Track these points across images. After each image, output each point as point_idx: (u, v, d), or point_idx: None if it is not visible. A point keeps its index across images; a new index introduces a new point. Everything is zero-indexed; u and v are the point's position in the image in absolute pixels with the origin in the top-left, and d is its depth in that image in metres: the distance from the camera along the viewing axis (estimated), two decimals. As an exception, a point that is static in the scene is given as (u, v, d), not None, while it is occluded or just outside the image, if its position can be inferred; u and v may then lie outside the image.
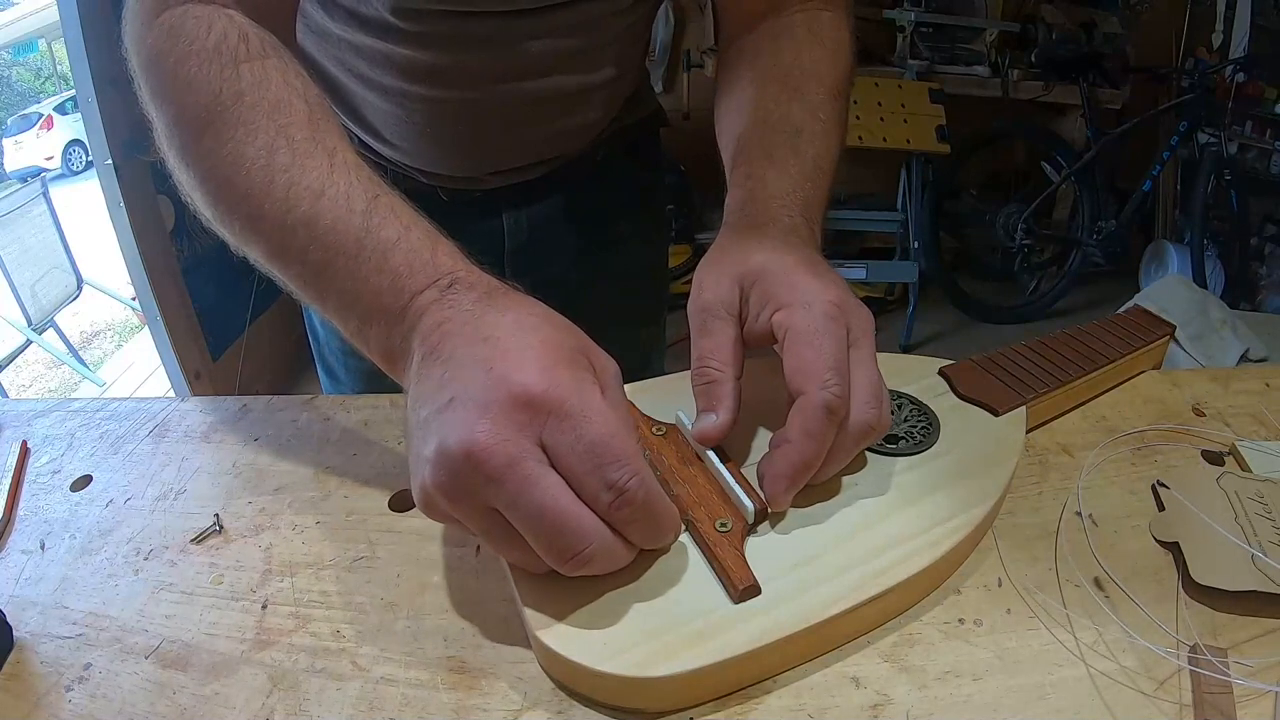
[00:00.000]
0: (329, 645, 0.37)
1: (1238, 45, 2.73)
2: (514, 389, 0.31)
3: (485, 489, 0.31)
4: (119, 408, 0.56)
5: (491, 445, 0.30)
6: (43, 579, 0.42)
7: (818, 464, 0.37)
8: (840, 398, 0.36)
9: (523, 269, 0.72)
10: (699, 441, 0.40)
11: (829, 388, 0.36)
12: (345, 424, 0.53)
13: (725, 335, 0.41)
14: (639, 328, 0.83)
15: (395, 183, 0.56)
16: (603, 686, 0.33)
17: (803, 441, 0.36)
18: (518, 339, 0.33)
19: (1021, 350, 0.52)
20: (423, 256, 0.38)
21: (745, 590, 0.35)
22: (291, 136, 0.40)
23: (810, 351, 0.37)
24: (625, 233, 0.78)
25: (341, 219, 0.38)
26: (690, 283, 0.44)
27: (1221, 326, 1.61)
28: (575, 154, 0.70)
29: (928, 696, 0.34)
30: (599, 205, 0.74)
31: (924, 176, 2.47)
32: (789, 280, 0.40)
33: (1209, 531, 0.40)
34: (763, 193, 0.47)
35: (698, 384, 0.40)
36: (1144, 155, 2.71)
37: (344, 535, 0.44)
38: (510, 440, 0.31)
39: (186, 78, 0.41)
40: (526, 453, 0.31)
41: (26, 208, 2.68)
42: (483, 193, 0.68)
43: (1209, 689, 0.33)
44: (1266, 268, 2.69)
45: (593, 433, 0.31)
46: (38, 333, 2.77)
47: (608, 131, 0.72)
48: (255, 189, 0.39)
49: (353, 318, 0.39)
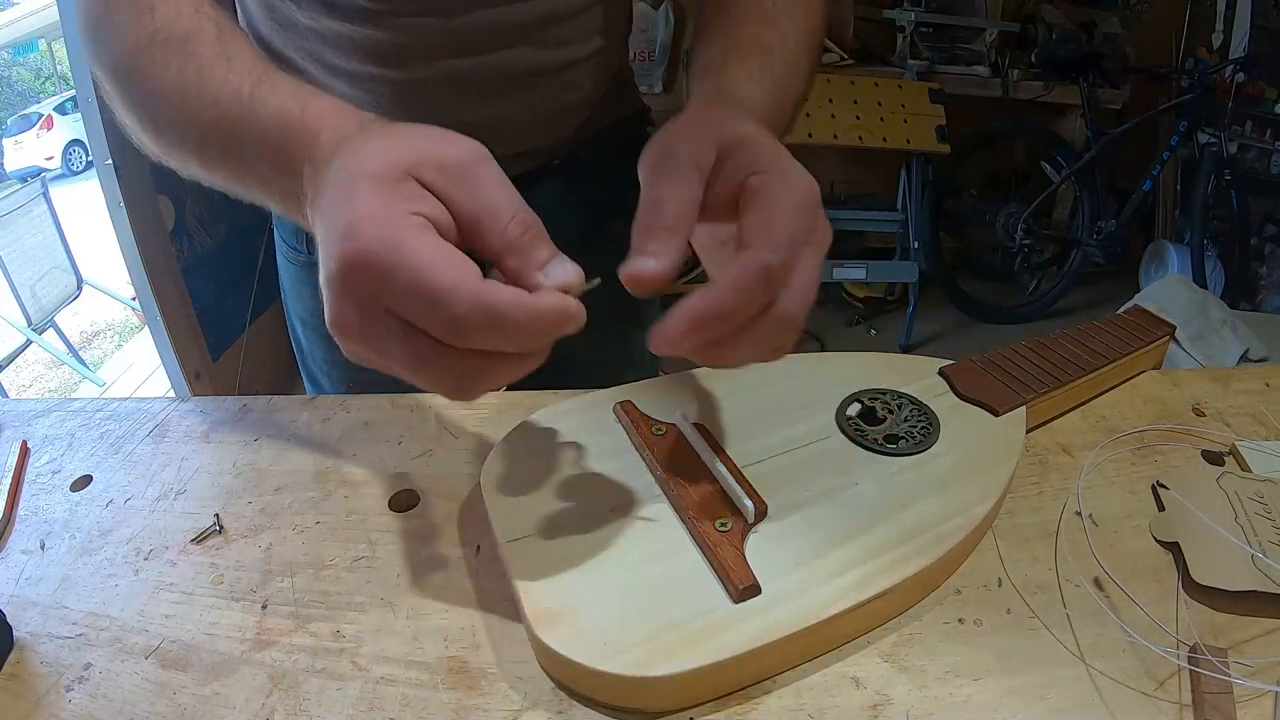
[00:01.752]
0: (329, 645, 0.37)
1: (1238, 45, 2.73)
2: (338, 265, 0.30)
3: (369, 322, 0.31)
4: (119, 408, 0.56)
5: (339, 323, 0.31)
6: (43, 579, 0.42)
7: (729, 325, 0.33)
8: (783, 267, 0.34)
9: None
10: (628, 280, 0.34)
11: (778, 252, 0.33)
12: (345, 424, 0.53)
13: (688, 187, 0.36)
14: (634, 329, 0.83)
15: None
16: (603, 686, 0.33)
17: (727, 292, 0.32)
18: (338, 207, 0.32)
19: (1021, 350, 0.52)
20: (293, 124, 0.38)
21: (745, 590, 0.35)
22: (200, 56, 0.43)
23: (776, 216, 0.35)
24: (617, 232, 0.77)
25: (234, 107, 0.40)
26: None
27: (1221, 326, 1.61)
28: (561, 147, 0.68)
29: (928, 696, 0.34)
30: (588, 202, 0.72)
31: (924, 176, 2.47)
32: (774, 153, 0.38)
33: (1209, 531, 0.40)
34: (734, 93, 0.46)
35: (645, 223, 0.35)
36: (1144, 155, 2.71)
37: (344, 535, 0.44)
38: (350, 315, 0.31)
39: (110, 29, 0.45)
40: (372, 319, 0.31)
41: (26, 208, 2.68)
42: None
43: (1209, 689, 0.33)
44: (1266, 268, 2.69)
45: (403, 284, 0.29)
46: (38, 333, 2.77)
47: (593, 125, 0.69)
48: (176, 113, 0.43)
49: (274, 197, 0.41)
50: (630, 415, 0.46)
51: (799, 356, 0.53)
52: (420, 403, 0.55)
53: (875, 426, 0.46)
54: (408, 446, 0.51)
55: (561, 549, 0.38)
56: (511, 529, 0.39)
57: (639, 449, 0.44)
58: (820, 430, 0.46)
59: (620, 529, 0.39)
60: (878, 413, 0.47)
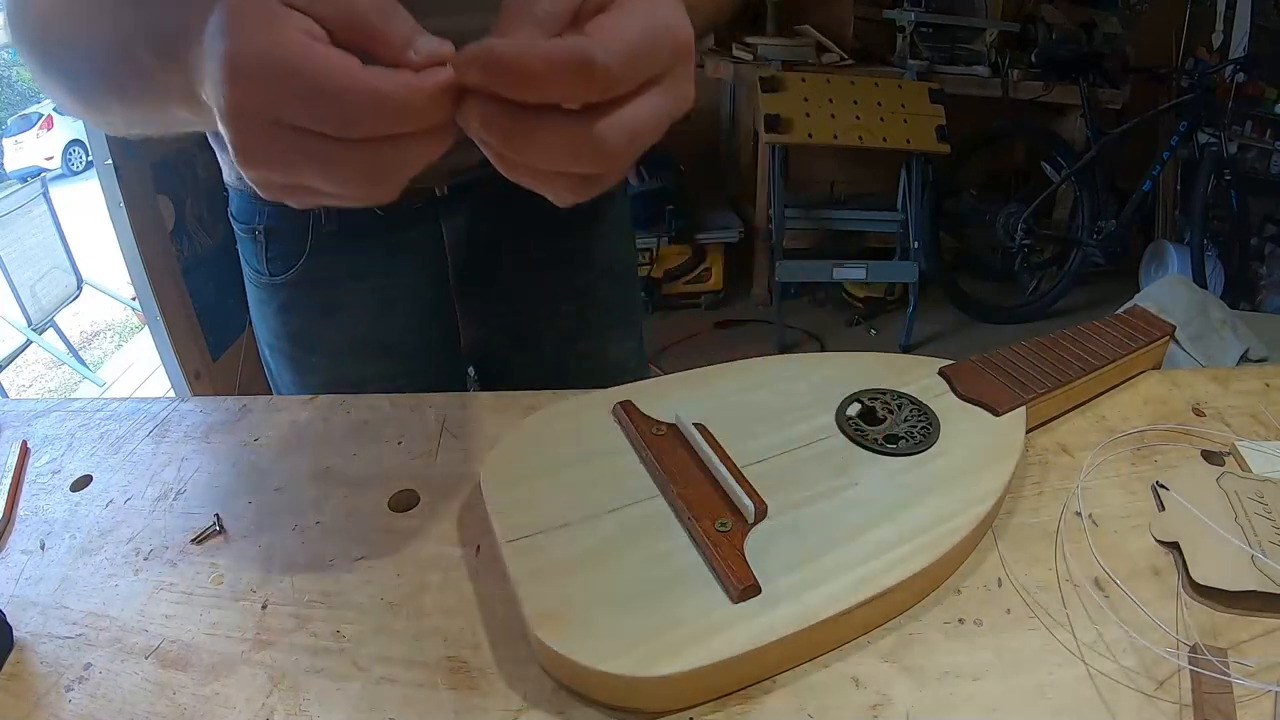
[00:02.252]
0: (329, 645, 0.37)
1: (1238, 45, 2.73)
2: (226, 93, 0.29)
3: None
4: (119, 408, 0.56)
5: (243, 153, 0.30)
6: (43, 579, 0.42)
7: (523, 86, 0.28)
8: (607, 75, 0.28)
9: (471, 283, 0.68)
10: (479, 60, 0.29)
11: (609, 56, 0.28)
12: (345, 424, 0.53)
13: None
14: (612, 344, 0.78)
15: None
16: (603, 686, 0.33)
17: (535, 52, 0.28)
18: (215, 44, 0.30)
19: (1021, 350, 0.52)
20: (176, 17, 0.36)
21: (745, 590, 0.35)
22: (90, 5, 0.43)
23: (621, 26, 0.30)
24: (584, 243, 0.72)
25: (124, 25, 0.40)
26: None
27: (1221, 326, 1.61)
28: None
29: (928, 696, 0.34)
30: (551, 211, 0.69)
31: (924, 176, 2.47)
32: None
33: (1209, 531, 0.40)
34: None
35: (512, 11, 0.30)
36: (1144, 155, 2.71)
37: (344, 535, 0.44)
38: (250, 139, 0.30)
39: (12, 11, 0.47)
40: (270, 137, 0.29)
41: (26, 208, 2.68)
42: (421, 199, 0.63)
43: (1209, 689, 0.33)
44: (1266, 268, 2.69)
45: (290, 90, 0.28)
46: (38, 333, 2.77)
47: None
48: (80, 58, 0.44)
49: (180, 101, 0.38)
50: (630, 415, 0.46)
51: (799, 356, 0.53)
52: (420, 403, 0.55)
53: (875, 426, 0.46)
54: (408, 446, 0.51)
55: (561, 549, 0.38)
56: (511, 529, 0.39)
57: (639, 449, 0.44)
58: (820, 430, 0.46)
59: (620, 529, 0.39)
60: (878, 413, 0.47)
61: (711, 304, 2.79)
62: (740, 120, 2.99)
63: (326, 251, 0.64)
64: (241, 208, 0.67)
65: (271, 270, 0.67)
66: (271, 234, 0.65)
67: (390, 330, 0.69)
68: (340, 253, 0.65)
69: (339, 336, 0.68)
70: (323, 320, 0.68)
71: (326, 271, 0.65)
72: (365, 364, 0.69)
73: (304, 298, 0.67)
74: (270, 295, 0.68)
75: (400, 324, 0.68)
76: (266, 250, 0.66)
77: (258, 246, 0.66)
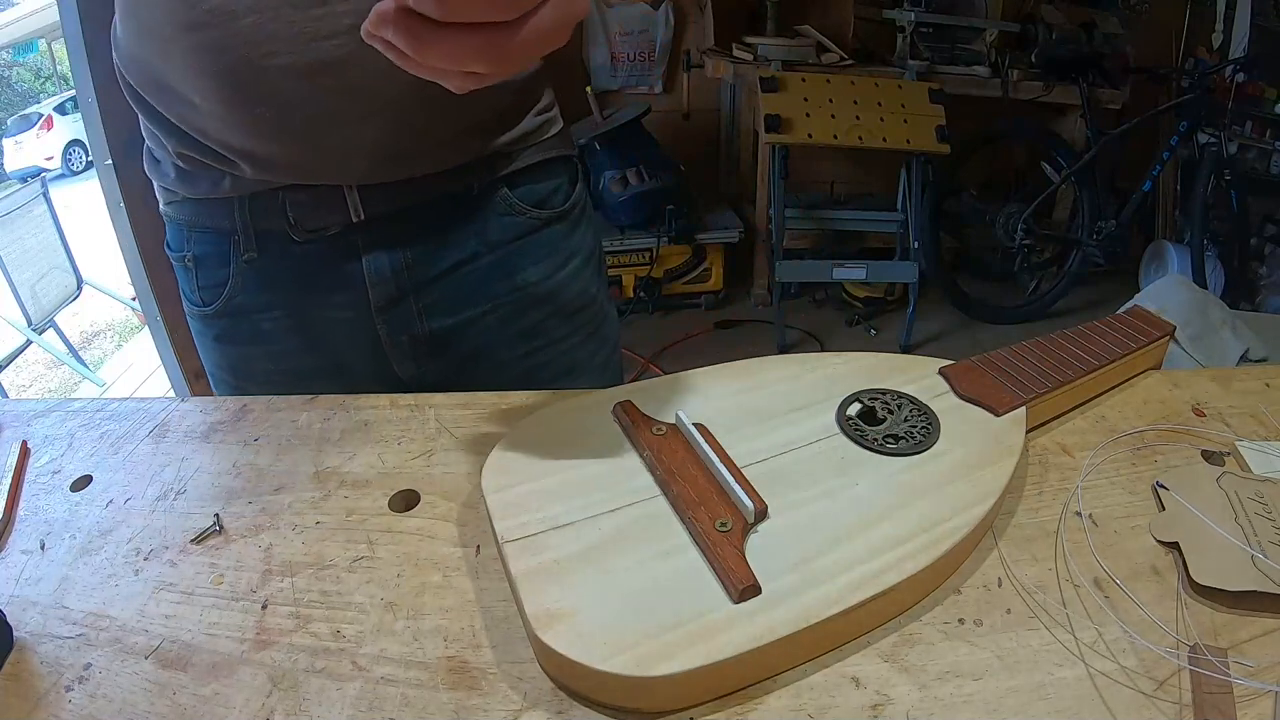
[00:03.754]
0: (329, 645, 0.37)
1: (1238, 45, 2.74)
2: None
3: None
4: (119, 408, 0.56)
5: None
6: (43, 579, 0.42)
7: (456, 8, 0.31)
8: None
9: (398, 323, 0.63)
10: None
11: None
12: (345, 424, 0.53)
13: None
14: (577, 384, 0.70)
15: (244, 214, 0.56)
16: (603, 686, 0.33)
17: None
18: None
19: (1021, 350, 0.52)
20: None
21: (745, 590, 0.35)
22: None
23: None
24: (530, 280, 0.66)
25: None
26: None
27: (1221, 326, 1.61)
28: (434, 181, 0.60)
29: (928, 696, 0.34)
30: (486, 249, 0.63)
31: (924, 176, 2.47)
32: None
33: (1209, 531, 0.40)
34: None
35: None
36: (1144, 155, 2.72)
37: (344, 535, 0.44)
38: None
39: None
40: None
41: (26, 208, 2.68)
42: (337, 225, 0.59)
43: (1209, 689, 0.33)
44: (1266, 268, 2.69)
45: None
46: (38, 333, 2.77)
47: (479, 159, 0.61)
48: None
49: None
50: (630, 415, 0.46)
51: (799, 356, 0.53)
52: (420, 403, 0.55)
53: (875, 426, 0.46)
54: (408, 446, 0.51)
55: (561, 549, 0.38)
56: (511, 529, 0.39)
57: (639, 449, 0.44)
58: (820, 430, 0.46)
59: (620, 529, 0.39)
60: (878, 413, 0.47)
61: (711, 304, 2.79)
62: (740, 120, 2.99)
63: (248, 281, 0.62)
64: (174, 236, 0.65)
65: (203, 299, 0.65)
66: (199, 262, 0.63)
67: (321, 362, 0.66)
68: (261, 282, 0.62)
69: (272, 365, 0.66)
70: (255, 350, 0.66)
71: (251, 301, 0.63)
72: (312, 392, 0.62)
73: (233, 327, 0.65)
74: (205, 325, 0.66)
75: (331, 356, 0.65)
76: (196, 279, 0.64)
77: (189, 275, 0.64)
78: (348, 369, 0.66)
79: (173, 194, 0.63)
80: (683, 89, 2.94)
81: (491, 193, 0.63)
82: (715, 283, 2.77)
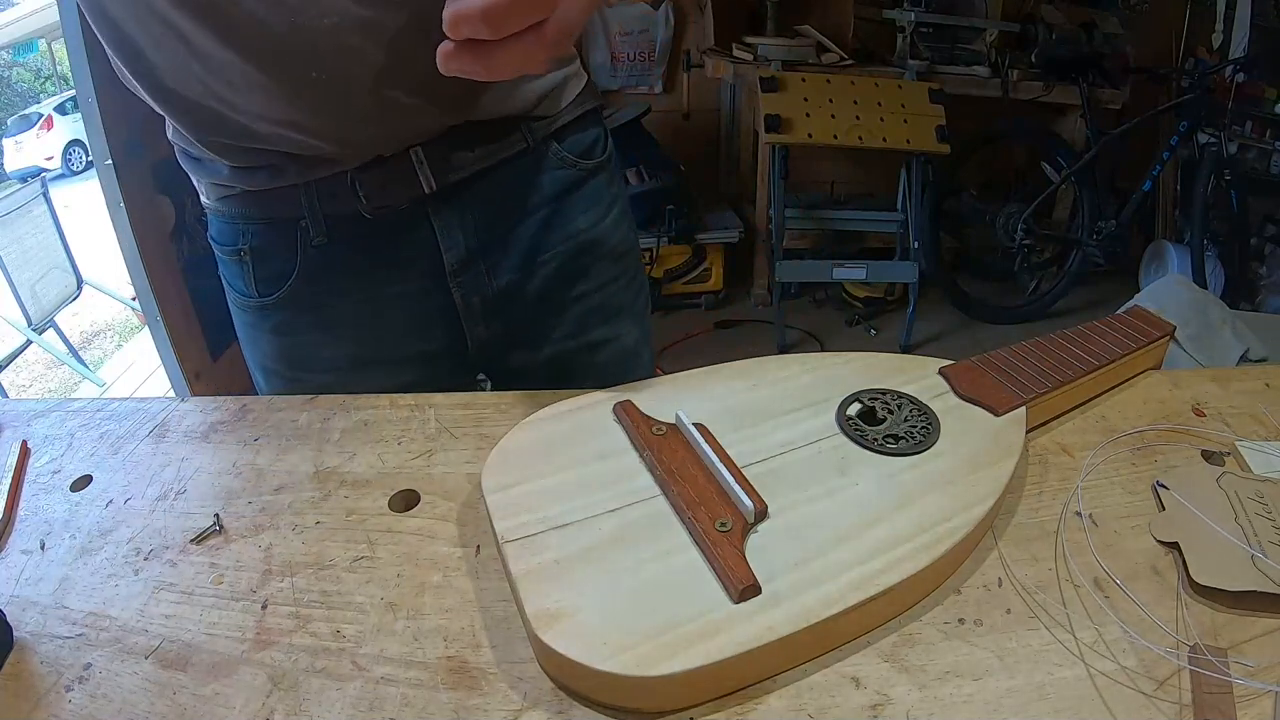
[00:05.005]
0: (329, 645, 0.37)
1: (1238, 45, 2.73)
2: None
3: None
4: (119, 408, 0.56)
5: None
6: (43, 579, 0.42)
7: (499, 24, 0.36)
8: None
9: (471, 282, 0.66)
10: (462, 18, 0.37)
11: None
12: (345, 424, 0.53)
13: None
14: (623, 331, 0.76)
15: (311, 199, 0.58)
16: (603, 686, 0.33)
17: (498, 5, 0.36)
18: None
19: (1021, 350, 0.52)
20: None
21: (745, 590, 0.35)
22: None
23: None
24: (581, 228, 0.70)
25: None
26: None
27: (1221, 326, 1.61)
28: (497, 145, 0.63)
29: (928, 696, 0.34)
30: (544, 202, 0.67)
31: (924, 176, 2.47)
32: None
33: (1209, 531, 0.40)
34: None
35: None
36: (1144, 155, 2.71)
37: (344, 535, 0.44)
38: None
39: None
40: None
41: (26, 208, 2.68)
42: (407, 199, 0.61)
43: (1209, 689, 0.33)
44: (1266, 268, 2.69)
45: None
46: (38, 333, 2.77)
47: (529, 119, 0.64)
48: None
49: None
50: (630, 415, 0.46)
51: (799, 356, 0.53)
52: (420, 403, 0.55)
53: (875, 426, 0.46)
54: (408, 446, 0.51)
55: (561, 549, 0.38)
56: (511, 529, 0.39)
57: (639, 449, 0.44)
58: (820, 430, 0.46)
59: (620, 529, 0.39)
60: (878, 413, 0.47)
61: (711, 304, 2.79)
62: (740, 120, 2.99)
63: (317, 266, 0.62)
64: (222, 230, 0.64)
65: (260, 291, 0.64)
66: (258, 254, 0.63)
67: (390, 341, 0.67)
68: (331, 266, 0.63)
69: (337, 352, 0.66)
70: (319, 338, 0.66)
71: (319, 287, 0.63)
72: (367, 379, 0.66)
73: (297, 316, 0.65)
74: (261, 318, 0.66)
75: (400, 333, 0.67)
76: (254, 271, 0.64)
77: (243, 269, 0.64)
78: (414, 348, 0.68)
79: (227, 189, 0.61)
80: (683, 89, 2.94)
81: (545, 149, 0.66)
82: (715, 283, 2.77)
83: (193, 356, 1.88)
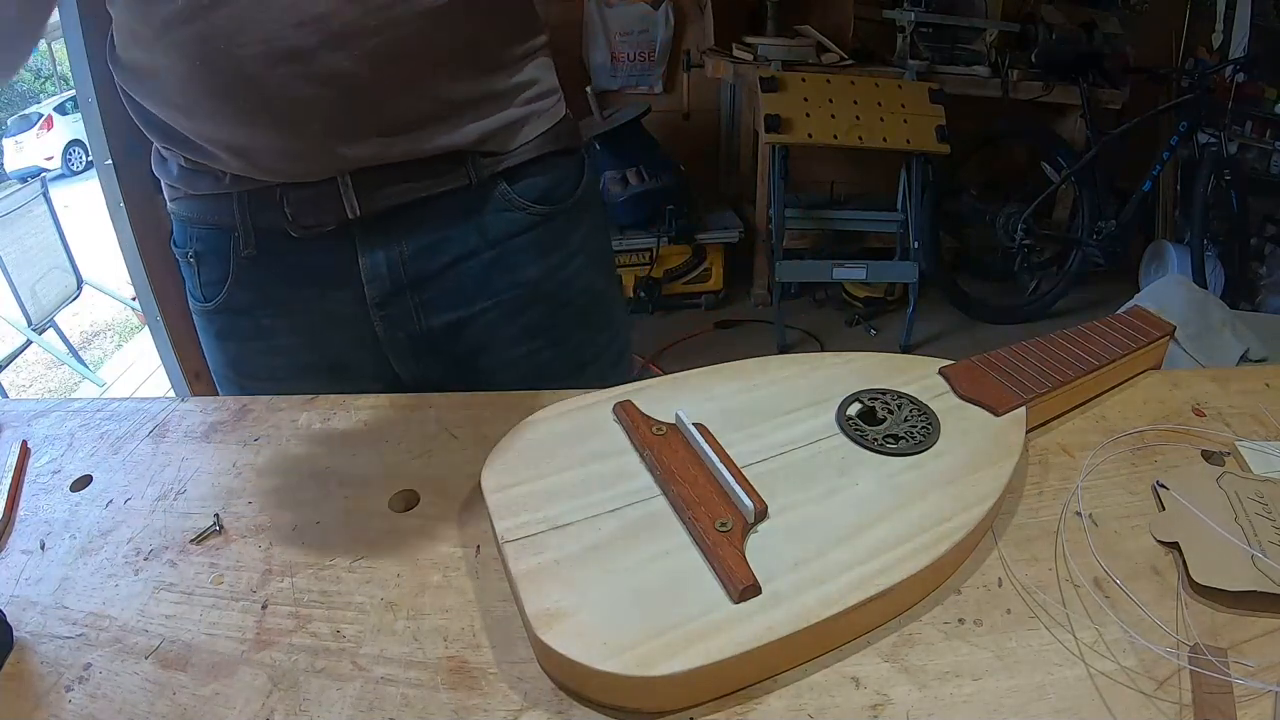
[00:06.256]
0: (329, 645, 0.37)
1: (1238, 45, 2.73)
2: None
3: None
4: (119, 408, 0.56)
5: None
6: (43, 579, 0.42)
7: None
8: None
9: (398, 321, 0.63)
10: None
11: None
12: (345, 424, 0.53)
13: None
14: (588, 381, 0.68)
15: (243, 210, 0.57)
16: (603, 686, 0.33)
17: None
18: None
19: (1021, 350, 0.52)
20: None
21: (745, 590, 0.35)
22: None
23: None
24: (535, 275, 0.65)
25: None
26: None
27: (1221, 326, 1.61)
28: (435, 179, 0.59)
29: (928, 696, 0.34)
30: (487, 244, 0.63)
31: (924, 176, 2.47)
32: None
33: (1209, 531, 0.40)
34: None
35: None
36: (1144, 155, 2.71)
37: (344, 535, 0.44)
38: None
39: None
40: None
41: (26, 208, 2.68)
42: (333, 220, 0.58)
43: (1209, 689, 0.33)
44: (1266, 268, 2.69)
45: None
46: (38, 333, 2.77)
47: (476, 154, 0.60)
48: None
49: None
50: (630, 415, 0.46)
51: (799, 356, 0.53)
52: (420, 403, 0.55)
53: (875, 426, 0.46)
54: (408, 446, 0.51)
55: (561, 549, 0.38)
56: (511, 529, 0.39)
57: (639, 449, 0.44)
58: (820, 430, 0.46)
59: (620, 529, 0.39)
60: (878, 413, 0.47)
61: (711, 304, 2.79)
62: (740, 120, 2.99)
63: (247, 277, 0.63)
64: (179, 233, 0.65)
65: (205, 295, 0.65)
66: (200, 259, 0.64)
67: (330, 355, 0.65)
68: (260, 278, 0.62)
69: (276, 361, 0.66)
70: (258, 346, 0.66)
71: (250, 297, 0.63)
72: (309, 390, 0.61)
73: (234, 324, 0.65)
74: (208, 322, 0.67)
75: (336, 350, 0.65)
76: (199, 275, 0.64)
77: (192, 271, 0.65)
78: (347, 367, 0.66)
79: (178, 191, 0.63)
80: (683, 89, 2.94)
81: (490, 188, 0.62)
82: (715, 283, 2.77)
83: (193, 356, 1.88)
